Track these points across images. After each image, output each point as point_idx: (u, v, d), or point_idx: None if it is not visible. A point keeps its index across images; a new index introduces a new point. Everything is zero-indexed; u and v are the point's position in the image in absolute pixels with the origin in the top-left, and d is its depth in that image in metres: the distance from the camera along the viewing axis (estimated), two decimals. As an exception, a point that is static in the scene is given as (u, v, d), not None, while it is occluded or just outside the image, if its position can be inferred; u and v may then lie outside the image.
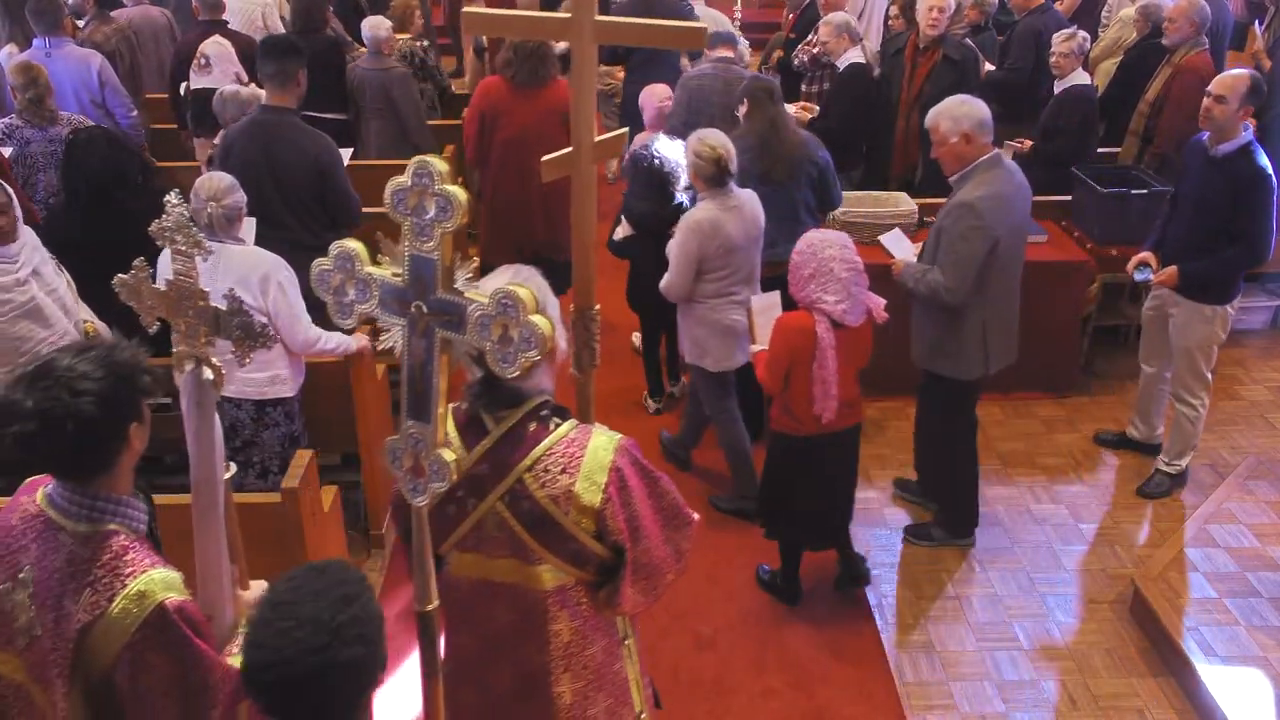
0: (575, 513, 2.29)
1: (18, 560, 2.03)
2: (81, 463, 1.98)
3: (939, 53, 5.87)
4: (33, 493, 2.09)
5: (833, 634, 4.06)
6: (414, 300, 2.10)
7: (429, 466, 2.14)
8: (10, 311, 3.71)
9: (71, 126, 5.08)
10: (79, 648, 1.95)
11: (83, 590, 1.95)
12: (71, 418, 1.90)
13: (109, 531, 2.01)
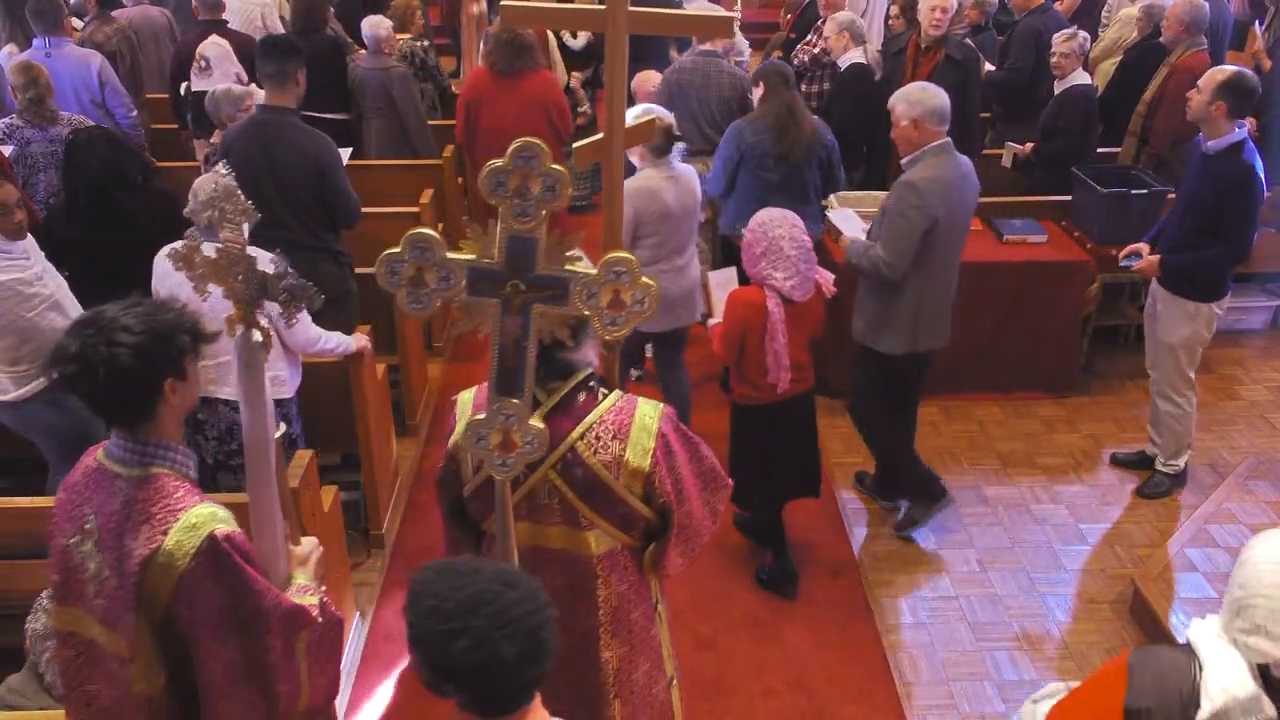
0: (626, 477, 2.44)
1: (83, 512, 2.18)
2: (119, 408, 2.13)
3: (941, 53, 5.86)
4: (92, 454, 2.25)
5: (833, 634, 4.06)
6: (509, 280, 2.20)
7: (522, 439, 2.27)
8: (40, 305, 3.78)
9: (72, 127, 5.08)
10: (141, 582, 2.09)
11: (140, 527, 2.10)
12: (104, 364, 2.05)
13: (158, 474, 2.16)
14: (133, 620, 2.11)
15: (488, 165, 2.15)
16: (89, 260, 4.20)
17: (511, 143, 2.11)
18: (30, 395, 3.84)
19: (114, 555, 2.12)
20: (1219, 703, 1.98)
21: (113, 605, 2.15)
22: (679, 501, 2.52)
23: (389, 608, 4.18)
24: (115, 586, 2.12)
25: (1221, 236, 4.33)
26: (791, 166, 4.87)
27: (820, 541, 4.54)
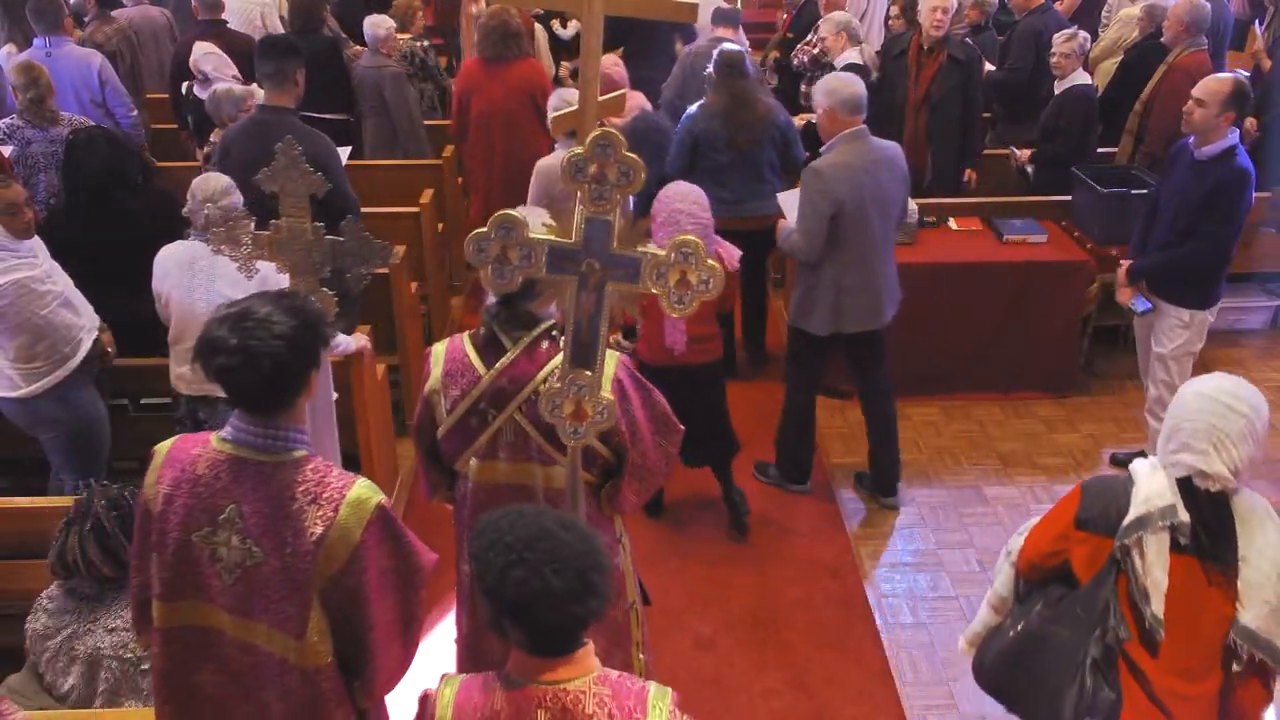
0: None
1: (216, 504, 2.21)
2: (270, 397, 2.20)
3: (944, 54, 5.85)
4: (198, 446, 2.27)
5: (833, 634, 4.06)
6: (585, 259, 2.42)
7: (593, 409, 2.48)
8: (52, 302, 3.80)
9: (72, 127, 5.08)
10: (316, 558, 2.17)
11: (307, 508, 2.18)
12: (268, 356, 2.13)
13: (303, 457, 2.24)
14: (303, 599, 2.19)
15: (569, 151, 2.37)
16: (89, 260, 4.20)
17: (499, 126, 2.30)
18: (41, 391, 3.84)
19: (275, 540, 2.18)
20: (1140, 511, 2.44)
21: (257, 591, 2.21)
22: (633, 442, 2.75)
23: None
24: (278, 569, 2.19)
25: (1196, 235, 4.33)
26: (740, 149, 5.13)
27: (820, 541, 4.55)
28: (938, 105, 5.88)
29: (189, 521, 2.22)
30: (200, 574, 2.24)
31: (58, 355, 3.84)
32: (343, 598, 2.23)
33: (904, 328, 5.45)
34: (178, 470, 2.26)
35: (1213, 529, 2.42)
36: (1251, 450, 2.39)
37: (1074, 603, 2.55)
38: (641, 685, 1.98)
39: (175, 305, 3.77)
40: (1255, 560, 2.41)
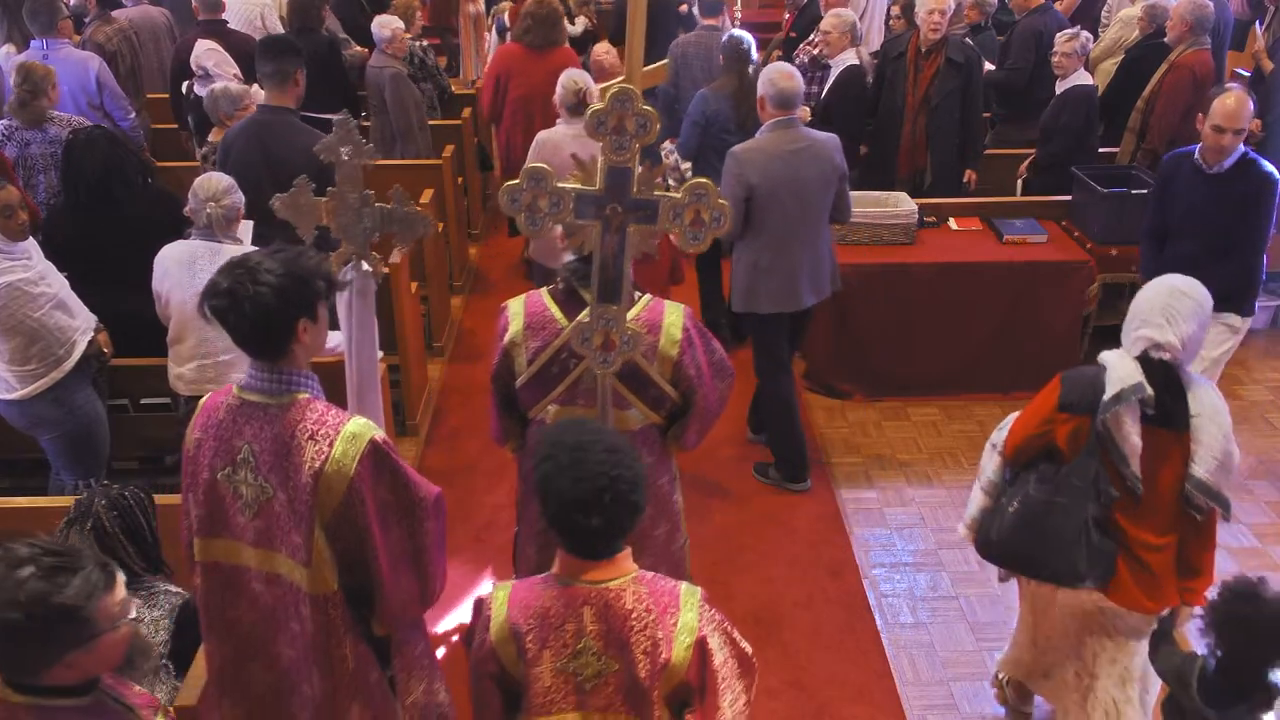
0: (659, 364, 2.94)
1: (233, 444, 2.40)
2: (260, 341, 2.37)
3: (942, 56, 5.84)
4: (224, 394, 2.48)
5: (833, 634, 4.06)
6: (609, 204, 2.66)
7: (620, 339, 2.75)
8: (46, 304, 3.80)
9: (71, 128, 5.08)
10: (314, 491, 2.34)
11: (305, 445, 2.35)
12: (249, 300, 2.30)
13: (304, 399, 2.41)
14: (307, 529, 2.35)
15: (592, 107, 2.62)
16: (89, 260, 4.20)
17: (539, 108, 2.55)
18: (36, 393, 3.84)
19: (281, 476, 2.36)
20: (1116, 389, 2.87)
21: (274, 523, 2.39)
22: (699, 384, 3.01)
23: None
24: (286, 502, 2.36)
25: (1243, 246, 4.32)
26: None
27: (820, 541, 4.55)
28: (936, 108, 5.87)
29: (215, 462, 2.42)
30: (227, 511, 2.44)
31: (52, 357, 3.84)
32: (347, 530, 2.37)
33: (904, 328, 5.48)
34: (206, 416, 2.47)
35: (1170, 396, 2.88)
36: (1195, 330, 2.87)
37: (1069, 474, 2.97)
38: (674, 584, 2.22)
39: (175, 305, 3.77)
40: (1204, 422, 2.88)
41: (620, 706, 2.18)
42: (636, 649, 2.14)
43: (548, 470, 2.09)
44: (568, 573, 2.18)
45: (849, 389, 5.62)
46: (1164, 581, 3.01)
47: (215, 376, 3.79)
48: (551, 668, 2.17)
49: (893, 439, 5.30)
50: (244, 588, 2.49)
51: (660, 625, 2.15)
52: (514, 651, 2.19)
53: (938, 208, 5.88)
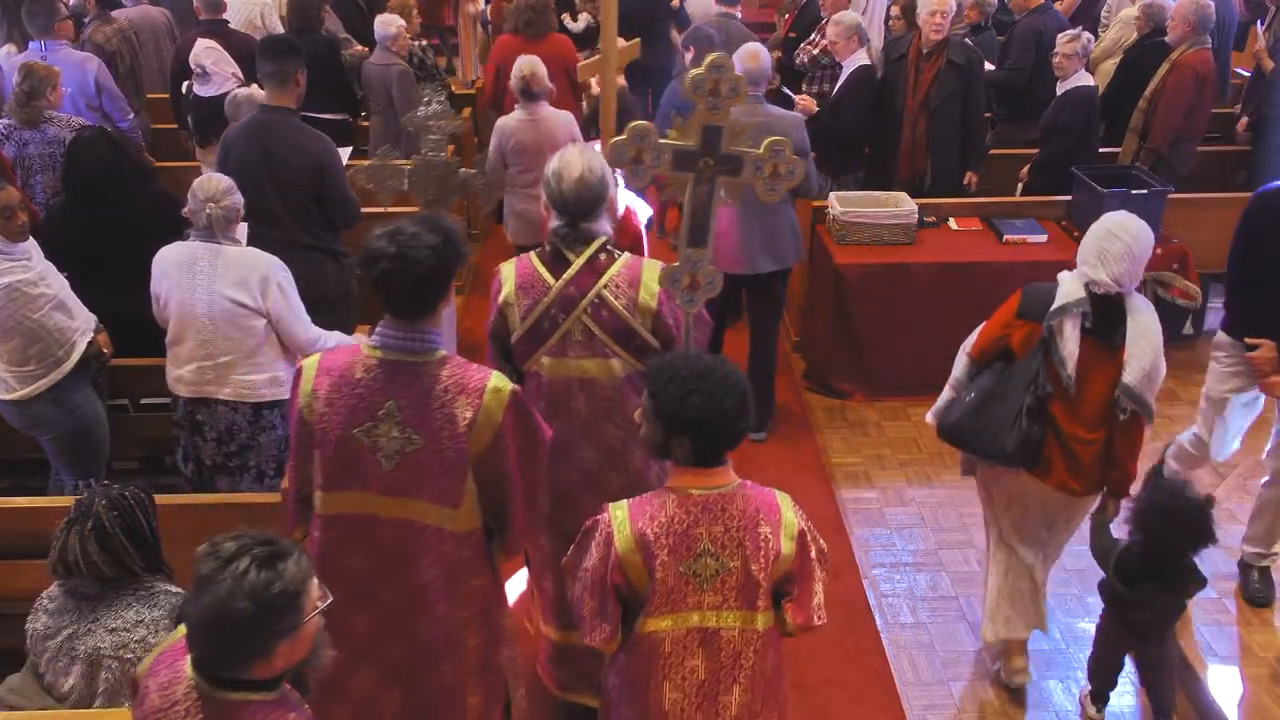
0: (640, 315, 3.15)
1: (375, 401, 2.59)
2: (420, 301, 2.57)
3: (943, 58, 5.83)
4: (349, 355, 2.66)
5: (833, 634, 4.06)
6: (702, 158, 3.02)
7: (704, 280, 3.14)
8: (45, 305, 3.80)
9: (71, 128, 5.08)
10: (469, 439, 2.59)
11: (457, 398, 2.59)
12: (421, 263, 2.51)
13: (444, 356, 2.63)
14: (460, 474, 2.61)
15: (691, 72, 2.98)
16: (89, 260, 4.20)
17: None
18: (36, 394, 3.84)
19: (430, 426, 2.58)
20: (1061, 302, 3.38)
21: (418, 472, 2.61)
22: (679, 334, 3.24)
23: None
24: (435, 451, 2.59)
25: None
26: None
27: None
28: (937, 110, 5.85)
29: (351, 419, 2.61)
30: (360, 464, 2.63)
31: (51, 358, 3.84)
32: (489, 472, 2.66)
33: (904, 328, 5.47)
34: (335, 377, 2.64)
35: (1105, 318, 3.37)
36: (1128, 266, 3.33)
37: (1015, 371, 3.47)
38: (769, 489, 2.53)
39: (175, 306, 3.76)
40: (1137, 338, 3.35)
41: (734, 602, 2.47)
42: (750, 545, 2.45)
43: (698, 401, 2.37)
44: (683, 483, 2.47)
45: (849, 389, 5.61)
46: (1090, 470, 3.50)
47: (215, 378, 3.78)
48: (675, 571, 2.44)
49: (893, 439, 5.30)
50: (366, 535, 2.69)
51: (768, 522, 2.46)
52: (640, 560, 2.43)
53: (938, 208, 5.88)
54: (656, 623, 2.46)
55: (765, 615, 2.52)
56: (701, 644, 2.48)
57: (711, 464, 2.46)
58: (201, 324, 3.73)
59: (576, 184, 3.08)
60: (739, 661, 2.51)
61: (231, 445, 3.85)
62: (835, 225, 5.57)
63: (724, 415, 2.38)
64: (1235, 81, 7.52)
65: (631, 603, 2.50)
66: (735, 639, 2.50)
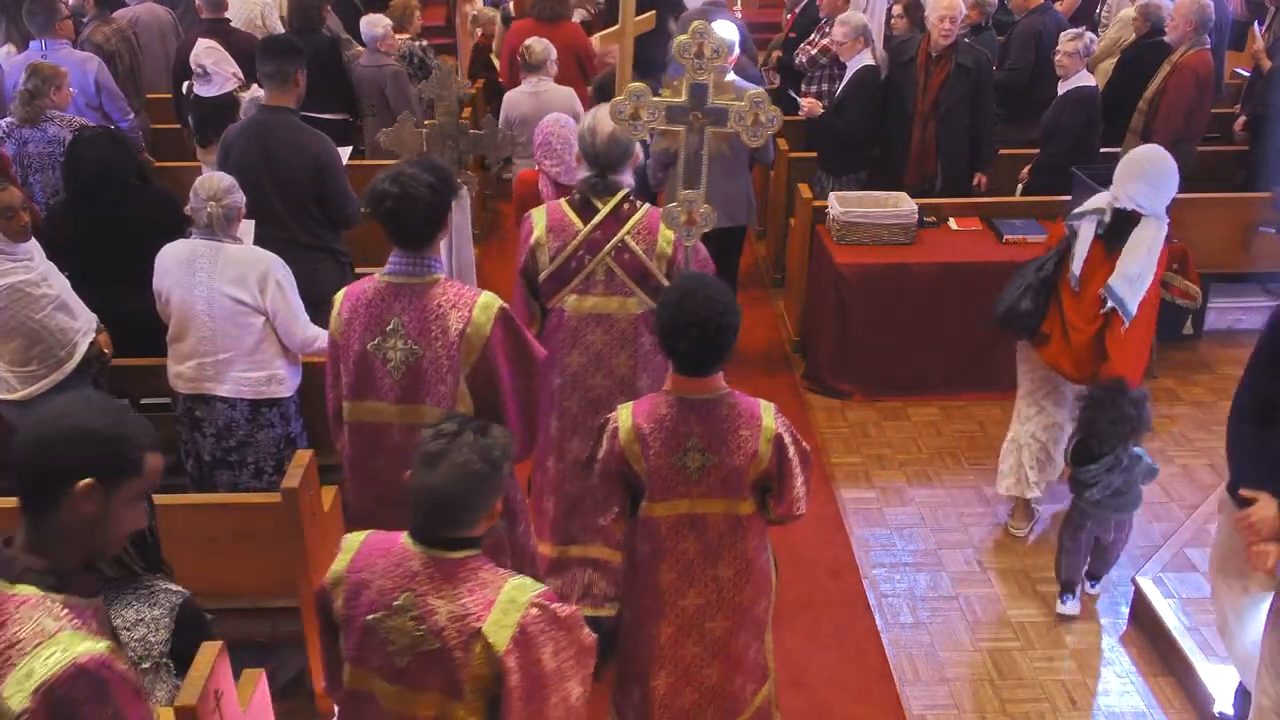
0: (657, 260, 3.55)
1: (383, 319, 2.96)
2: (420, 232, 2.93)
3: (951, 61, 5.82)
4: (367, 283, 3.02)
5: (833, 634, 4.06)
6: (691, 111, 3.40)
7: (700, 217, 3.50)
8: (48, 305, 3.80)
9: (72, 128, 5.07)
10: (460, 348, 2.93)
11: (449, 313, 2.94)
12: (420, 198, 2.88)
13: (440, 277, 3.01)
14: (454, 379, 2.95)
15: (677, 39, 3.32)
16: (89, 260, 4.20)
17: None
18: (37, 395, 3.83)
19: (428, 339, 2.94)
20: (1085, 209, 4.15)
21: (420, 380, 2.96)
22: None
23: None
24: (433, 360, 2.94)
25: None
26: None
27: (820, 541, 4.54)
28: (946, 114, 5.84)
29: (365, 335, 2.98)
30: (374, 376, 2.99)
31: (53, 359, 3.84)
32: (482, 380, 2.97)
33: (904, 328, 5.48)
34: (354, 301, 3.02)
35: (1118, 228, 3.96)
36: (1143, 187, 3.92)
37: (1037, 259, 4.22)
38: (754, 399, 2.87)
39: (176, 304, 3.77)
40: (1130, 247, 3.91)
41: (718, 492, 2.83)
42: (732, 444, 2.79)
43: (671, 309, 2.72)
44: (678, 389, 2.83)
45: (849, 389, 5.61)
46: (1080, 356, 4.06)
47: (214, 374, 3.78)
48: (667, 462, 2.81)
49: (893, 439, 5.30)
50: (384, 440, 3.06)
51: (748, 426, 2.80)
52: (638, 450, 2.81)
53: (937, 208, 5.88)
54: (654, 508, 2.86)
55: (747, 504, 2.86)
56: (691, 528, 2.87)
57: (701, 373, 2.80)
58: (201, 321, 3.73)
59: (607, 140, 3.51)
60: (724, 542, 2.89)
61: (230, 441, 3.86)
62: (835, 225, 5.57)
63: (707, 333, 2.70)
64: (1235, 81, 7.52)
65: (637, 490, 2.89)
66: (720, 523, 2.87)
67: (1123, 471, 3.89)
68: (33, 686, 1.72)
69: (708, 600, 2.93)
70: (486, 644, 2.18)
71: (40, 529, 1.86)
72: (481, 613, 2.19)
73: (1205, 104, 6.02)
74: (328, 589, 2.36)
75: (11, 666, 1.75)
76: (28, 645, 1.77)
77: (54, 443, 1.84)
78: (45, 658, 1.75)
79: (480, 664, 2.20)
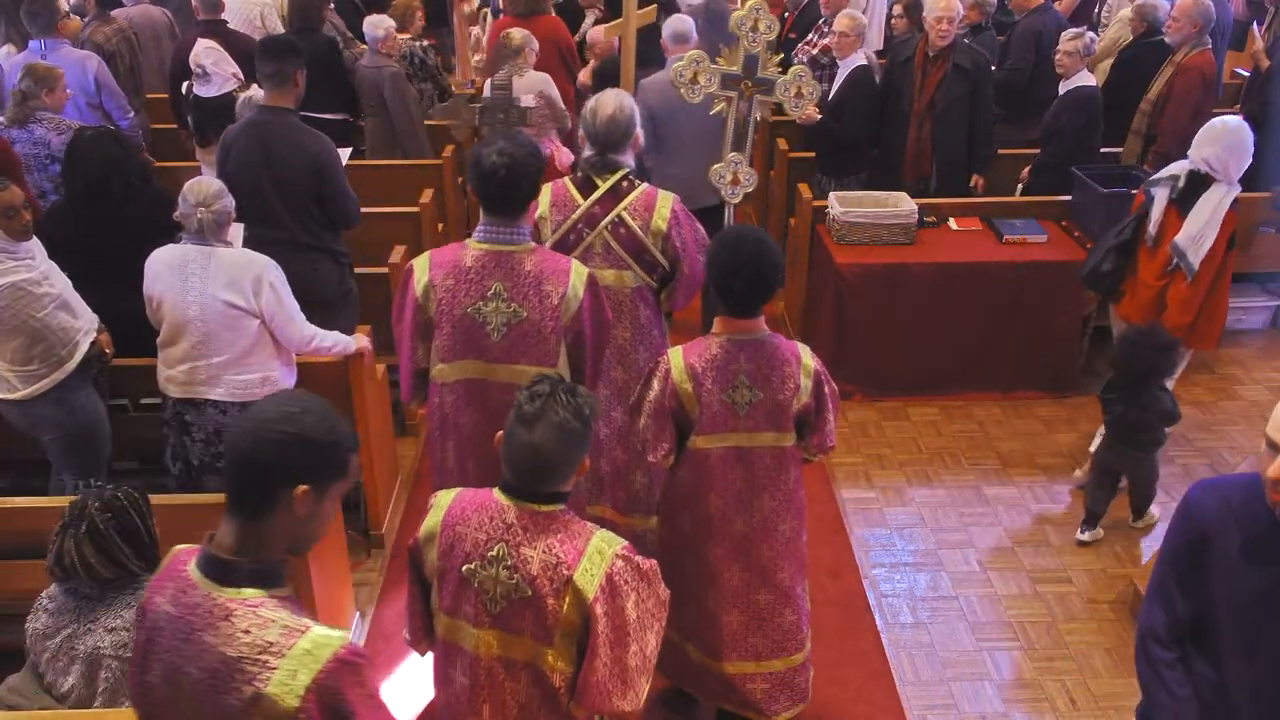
0: (652, 235, 3.68)
1: (485, 284, 3.19)
2: (521, 196, 3.17)
3: (949, 61, 5.82)
4: (457, 250, 3.24)
5: (833, 634, 4.06)
6: (743, 79, 3.97)
7: (744, 178, 4.13)
8: (49, 304, 3.79)
9: (60, 130, 5.06)
10: (560, 311, 3.19)
11: (549, 278, 3.18)
12: (529, 166, 3.13)
13: (533, 246, 3.24)
14: (556, 339, 3.20)
15: (735, 14, 4.05)
16: (89, 259, 4.19)
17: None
18: (38, 394, 3.83)
19: (529, 302, 3.17)
20: (1163, 175, 4.57)
21: (521, 340, 3.19)
22: (683, 255, 3.71)
23: (389, 607, 4.18)
24: (535, 322, 3.18)
25: None
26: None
27: (820, 541, 4.54)
28: (942, 114, 5.84)
29: (465, 300, 3.18)
30: (473, 337, 3.21)
31: (54, 358, 3.84)
32: (571, 337, 3.23)
33: (904, 328, 5.48)
34: (448, 268, 3.20)
35: (1191, 192, 4.36)
36: (1218, 150, 4.29)
37: (1118, 224, 4.71)
38: (795, 342, 3.19)
39: (168, 308, 3.75)
40: (1197, 211, 4.31)
41: (764, 425, 3.11)
42: (776, 381, 3.09)
43: (728, 251, 3.02)
44: (726, 330, 3.12)
45: (849, 389, 5.60)
46: (1146, 309, 4.53)
47: (208, 379, 3.77)
48: (718, 399, 3.09)
49: (893, 439, 5.30)
50: (479, 395, 3.27)
51: (789, 364, 3.10)
52: (691, 388, 3.08)
53: (937, 208, 5.88)
54: (705, 441, 3.12)
55: (789, 436, 3.15)
56: (739, 460, 3.14)
57: (750, 314, 3.10)
58: (194, 325, 3.72)
59: (608, 121, 3.62)
60: (768, 474, 3.16)
61: (219, 446, 3.83)
62: (835, 225, 5.57)
63: (761, 270, 2.99)
64: (1235, 81, 7.52)
65: (684, 426, 3.15)
66: (765, 455, 3.15)
67: (1140, 409, 4.29)
68: (302, 687, 1.84)
69: (753, 529, 3.20)
70: (577, 591, 2.29)
71: (254, 531, 1.93)
72: (572, 562, 2.30)
73: (1208, 104, 6.02)
74: (420, 544, 2.45)
75: (272, 670, 1.85)
76: (283, 647, 1.86)
77: (278, 450, 1.90)
78: (306, 656, 1.86)
79: (571, 610, 2.30)
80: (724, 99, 3.93)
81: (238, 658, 1.86)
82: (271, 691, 1.83)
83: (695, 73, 3.89)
